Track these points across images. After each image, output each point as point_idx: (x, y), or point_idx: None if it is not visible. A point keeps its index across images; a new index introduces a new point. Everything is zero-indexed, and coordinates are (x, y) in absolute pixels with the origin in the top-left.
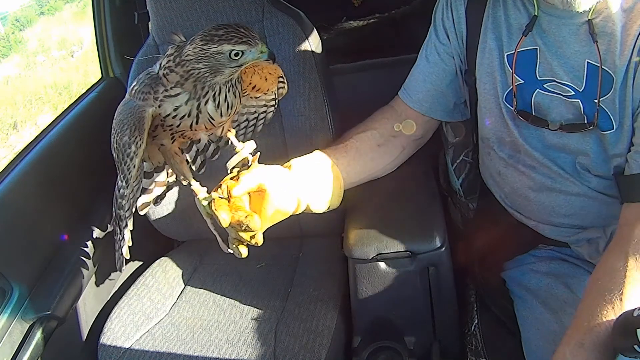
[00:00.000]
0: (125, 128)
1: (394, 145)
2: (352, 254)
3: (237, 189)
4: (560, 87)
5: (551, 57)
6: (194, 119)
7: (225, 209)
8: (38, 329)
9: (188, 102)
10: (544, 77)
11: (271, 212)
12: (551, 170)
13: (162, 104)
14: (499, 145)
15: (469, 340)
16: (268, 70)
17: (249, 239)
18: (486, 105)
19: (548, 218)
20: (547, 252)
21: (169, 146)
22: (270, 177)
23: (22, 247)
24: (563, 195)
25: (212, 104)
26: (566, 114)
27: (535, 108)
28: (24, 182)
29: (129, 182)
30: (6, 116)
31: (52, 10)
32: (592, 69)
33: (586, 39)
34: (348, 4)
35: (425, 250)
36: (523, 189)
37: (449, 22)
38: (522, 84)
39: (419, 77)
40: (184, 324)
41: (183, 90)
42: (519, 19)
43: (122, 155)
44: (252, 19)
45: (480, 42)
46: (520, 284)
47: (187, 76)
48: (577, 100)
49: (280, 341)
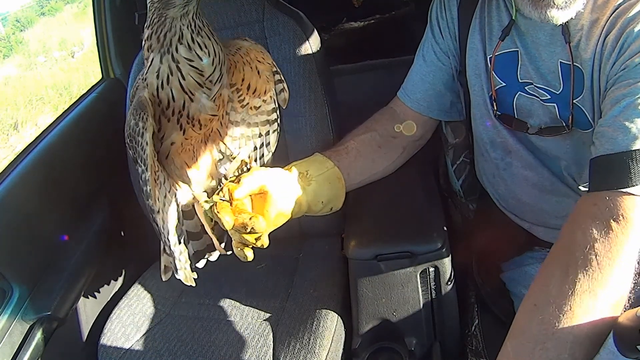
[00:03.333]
0: (129, 117)
1: (395, 147)
2: (352, 255)
3: (238, 191)
4: (537, 91)
5: (529, 60)
6: (179, 77)
7: (228, 211)
8: (38, 330)
9: (162, 60)
10: (524, 79)
11: (274, 214)
12: (541, 172)
13: (147, 78)
14: (492, 146)
15: (470, 341)
16: (256, 56)
17: (254, 242)
18: (477, 107)
19: (542, 220)
20: (544, 253)
21: (179, 144)
22: (272, 178)
23: (23, 248)
24: (555, 197)
25: (182, 47)
26: (544, 117)
27: (518, 111)
28: (24, 183)
29: (147, 162)
30: (7, 117)
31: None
32: (565, 69)
33: (560, 40)
34: (348, 5)
35: (426, 250)
36: (516, 191)
37: (444, 21)
38: (504, 86)
39: (416, 76)
40: (184, 325)
41: (154, 52)
42: (501, 21)
43: (135, 139)
44: (253, 20)
45: (469, 43)
46: (519, 285)
47: (150, 34)
48: (553, 105)
49: (280, 342)
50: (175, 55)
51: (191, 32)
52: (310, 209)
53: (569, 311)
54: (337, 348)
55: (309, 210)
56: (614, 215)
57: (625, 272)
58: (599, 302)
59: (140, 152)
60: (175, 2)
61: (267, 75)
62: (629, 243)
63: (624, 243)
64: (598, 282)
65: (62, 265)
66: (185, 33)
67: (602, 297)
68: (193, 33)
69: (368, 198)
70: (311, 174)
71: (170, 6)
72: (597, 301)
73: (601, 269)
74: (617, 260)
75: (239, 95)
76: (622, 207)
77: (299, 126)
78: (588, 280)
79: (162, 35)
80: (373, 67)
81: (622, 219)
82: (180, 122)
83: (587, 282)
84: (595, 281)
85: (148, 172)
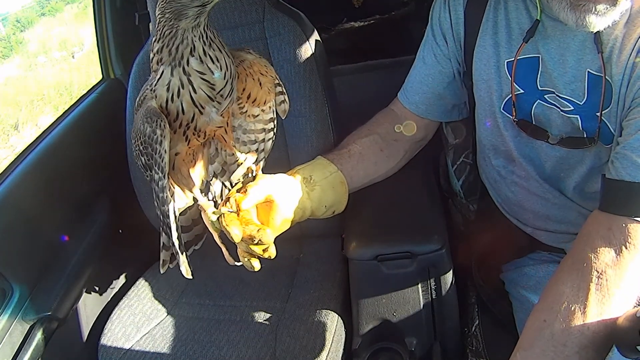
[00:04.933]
0: (143, 126)
1: (397, 149)
2: (353, 255)
3: (246, 202)
4: (558, 101)
5: (552, 66)
6: (190, 91)
7: (236, 223)
8: (38, 330)
9: (173, 72)
10: (544, 87)
11: (279, 222)
12: (545, 182)
13: (156, 90)
14: (494, 153)
15: (470, 341)
16: (259, 69)
17: (261, 253)
18: (482, 112)
19: (544, 225)
20: (545, 255)
21: (183, 153)
22: (277, 187)
23: (23, 248)
24: (557, 206)
25: (194, 60)
26: (563, 127)
27: (535, 120)
28: (25, 183)
29: (164, 169)
30: (7, 117)
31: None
32: (593, 79)
33: (590, 48)
34: (348, 5)
35: (426, 251)
36: (517, 198)
37: (447, 23)
38: (521, 93)
39: (415, 78)
40: (184, 325)
41: (164, 65)
42: (521, 23)
43: (151, 146)
44: (253, 20)
45: (477, 46)
46: (518, 286)
47: (161, 47)
48: (576, 116)
49: (281, 342)
50: (187, 69)
51: (203, 44)
52: (314, 213)
53: (578, 333)
54: (337, 348)
55: (312, 214)
56: (627, 242)
57: (631, 296)
58: (607, 324)
59: (157, 159)
60: (187, 13)
61: (269, 87)
62: (636, 269)
63: (633, 269)
64: (607, 306)
65: (62, 266)
66: (197, 45)
67: (609, 319)
68: (205, 45)
69: (368, 198)
70: (315, 179)
71: (182, 17)
72: (605, 324)
73: (610, 295)
74: (626, 286)
75: (239, 103)
76: (636, 236)
77: (300, 126)
78: (598, 305)
79: (173, 47)
80: (373, 67)
81: (633, 247)
82: (187, 133)
83: (597, 307)
84: (604, 306)
85: (165, 180)
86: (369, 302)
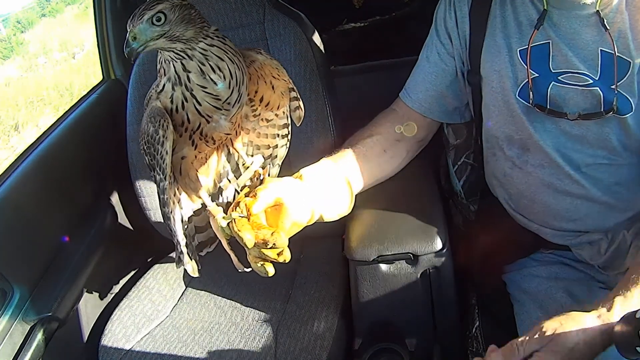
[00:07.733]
0: (147, 125)
1: (399, 149)
2: (353, 256)
3: (256, 206)
4: (576, 77)
5: (565, 48)
6: (194, 103)
7: (248, 228)
8: (39, 331)
9: (174, 87)
10: (558, 69)
11: (289, 226)
12: (561, 169)
13: (160, 97)
14: (508, 144)
15: (470, 343)
16: (271, 72)
17: (276, 257)
18: (494, 104)
19: (551, 222)
20: (548, 255)
21: (191, 157)
22: (286, 190)
23: (23, 249)
24: (569, 198)
25: (193, 75)
26: (583, 104)
27: (551, 101)
28: (25, 184)
29: (165, 172)
30: (7, 118)
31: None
32: (607, 57)
33: (597, 29)
34: (349, 6)
35: (426, 252)
36: (529, 190)
37: (452, 22)
38: (536, 77)
39: (418, 77)
40: (185, 326)
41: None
42: (528, 15)
43: (153, 147)
44: (254, 21)
45: (486, 41)
46: (519, 288)
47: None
48: (596, 88)
49: (281, 343)
50: (189, 84)
51: (198, 62)
52: (322, 216)
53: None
54: (337, 349)
55: (319, 217)
56: None
57: None
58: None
59: (159, 160)
60: (163, 47)
61: (282, 92)
62: None
63: None
64: None
65: (63, 266)
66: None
67: None
68: (203, 58)
69: (369, 199)
70: (321, 180)
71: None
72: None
73: None
74: None
75: (252, 106)
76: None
77: (300, 127)
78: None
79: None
80: (374, 67)
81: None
82: (193, 138)
83: None
84: None
85: (166, 181)
86: (369, 302)
